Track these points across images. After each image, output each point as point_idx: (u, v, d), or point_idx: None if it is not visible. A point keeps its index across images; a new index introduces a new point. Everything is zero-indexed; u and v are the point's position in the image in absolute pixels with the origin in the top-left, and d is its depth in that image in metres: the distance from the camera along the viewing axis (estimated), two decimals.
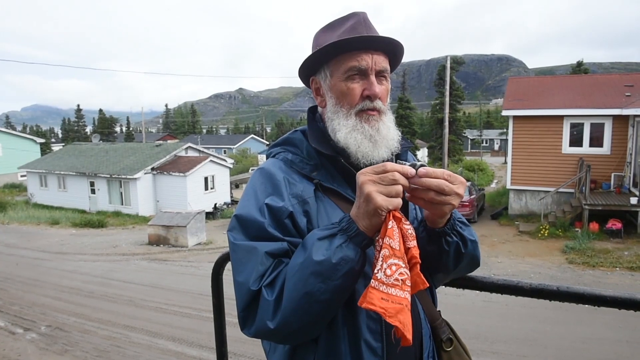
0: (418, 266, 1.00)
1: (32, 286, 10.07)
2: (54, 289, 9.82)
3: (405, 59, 1.30)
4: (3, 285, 10.13)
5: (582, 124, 16.37)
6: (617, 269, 10.90)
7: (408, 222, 1.02)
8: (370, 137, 1.16)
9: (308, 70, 1.26)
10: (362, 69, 1.15)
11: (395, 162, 1.23)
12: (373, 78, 1.16)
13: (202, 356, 6.19)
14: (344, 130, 1.16)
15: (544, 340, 6.66)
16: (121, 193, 24.67)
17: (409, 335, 0.92)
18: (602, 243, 13.03)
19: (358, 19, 1.19)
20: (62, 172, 26.70)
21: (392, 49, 1.20)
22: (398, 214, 0.99)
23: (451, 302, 8.13)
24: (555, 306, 7.73)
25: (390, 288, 0.93)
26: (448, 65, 24.62)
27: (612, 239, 13.34)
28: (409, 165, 1.02)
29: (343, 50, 1.16)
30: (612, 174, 15.56)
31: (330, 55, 1.18)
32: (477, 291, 1.33)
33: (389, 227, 0.97)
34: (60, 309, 8.41)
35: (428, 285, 1.01)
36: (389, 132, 1.19)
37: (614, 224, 13.59)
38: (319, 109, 1.30)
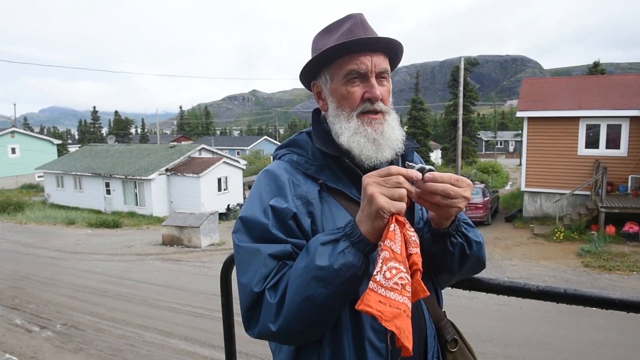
0: (419, 273, 0.98)
1: (48, 285, 10.24)
2: (70, 288, 9.96)
3: (419, 60, 1.30)
4: (20, 283, 10.31)
5: (599, 126, 16.13)
6: (634, 273, 10.71)
7: (412, 230, 1.00)
8: (374, 141, 1.16)
9: (309, 74, 1.27)
10: (361, 72, 1.15)
11: (403, 164, 1.23)
12: (373, 80, 1.16)
13: (214, 356, 6.23)
14: (347, 133, 1.17)
15: (559, 344, 6.57)
16: (136, 194, 24.94)
17: (409, 343, 0.90)
18: (619, 246, 12.83)
19: (355, 20, 1.19)
20: (78, 173, 27.08)
21: (391, 48, 1.20)
22: (401, 219, 0.98)
23: (464, 305, 8.07)
24: (569, 310, 7.62)
25: (389, 292, 0.92)
26: (462, 66, 24.43)
27: (629, 243, 13.12)
28: (418, 169, 1.01)
29: (341, 54, 1.16)
30: (630, 176, 15.29)
31: (329, 60, 1.18)
32: (490, 294, 1.33)
33: (391, 229, 0.96)
34: (76, 307, 8.53)
35: (428, 294, 1.00)
36: (393, 133, 1.19)
37: (631, 227, 13.38)
38: (322, 111, 1.30)
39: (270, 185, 1.16)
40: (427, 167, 1.03)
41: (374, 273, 0.94)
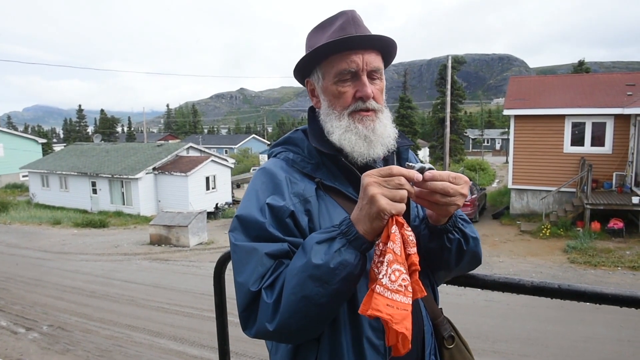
0: (417, 273, 0.99)
1: (34, 286, 10.09)
2: (56, 289, 9.83)
3: (407, 58, 1.30)
4: (5, 285, 10.15)
5: (584, 123, 16.35)
6: (619, 268, 10.88)
7: (410, 229, 1.00)
8: (365, 137, 1.15)
9: (302, 71, 1.26)
10: (352, 70, 1.14)
11: (398, 161, 1.24)
12: (364, 79, 1.15)
13: (204, 355, 6.19)
14: (338, 131, 1.16)
15: (546, 339, 6.65)
16: (123, 193, 24.70)
17: (409, 343, 0.91)
18: (604, 242, 13.01)
19: (347, 17, 1.18)
20: (64, 172, 26.74)
21: (383, 45, 1.19)
22: (401, 220, 0.98)
23: (453, 301, 8.12)
24: (556, 305, 7.72)
25: (395, 294, 0.92)
26: (449, 65, 24.58)
27: (614, 239, 13.32)
28: (418, 169, 1.01)
29: (333, 52, 1.15)
30: (614, 174, 15.53)
31: (321, 57, 1.18)
32: (479, 291, 1.34)
33: (392, 231, 0.96)
34: (62, 308, 8.42)
35: (426, 294, 1.00)
36: (385, 130, 1.19)
37: (616, 224, 13.57)
38: (316, 109, 1.29)
39: (267, 183, 1.15)
40: (427, 166, 1.03)
41: (380, 277, 0.93)
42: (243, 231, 1.10)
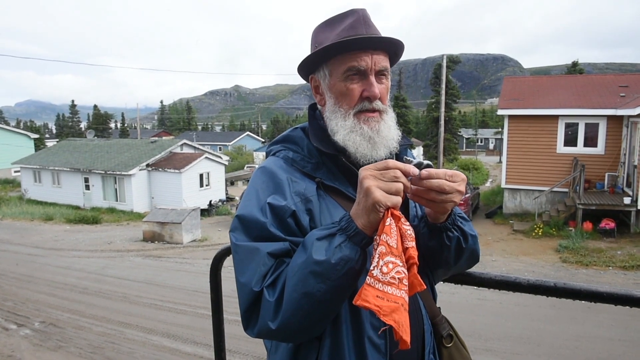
0: (415, 267, 0.98)
1: (25, 282, 10.02)
2: (48, 285, 9.77)
3: (402, 57, 1.30)
4: None
5: (577, 124, 16.46)
6: (610, 268, 10.97)
7: (407, 223, 1.00)
8: (369, 139, 1.15)
9: (307, 68, 1.25)
10: (361, 69, 1.14)
11: (400, 161, 1.24)
12: (372, 79, 1.15)
13: (197, 353, 6.18)
14: (342, 131, 1.16)
15: (538, 338, 6.69)
16: (116, 189, 24.58)
17: (407, 336, 0.89)
18: (596, 242, 13.11)
19: (357, 16, 1.17)
20: (57, 168, 26.57)
21: (392, 47, 1.19)
22: (397, 213, 0.98)
23: (445, 299, 8.16)
24: (549, 304, 7.77)
25: (386, 286, 0.91)
26: (444, 64, 24.62)
27: (606, 239, 13.42)
28: (415, 164, 1.01)
29: (342, 51, 1.14)
30: (606, 174, 15.65)
31: (329, 55, 1.17)
32: (472, 289, 1.35)
33: (387, 224, 0.96)
34: (54, 305, 8.37)
35: (425, 287, 0.99)
36: (389, 132, 1.19)
37: (608, 224, 13.68)
38: (319, 106, 1.29)
39: (267, 182, 1.14)
40: (425, 162, 1.03)
41: (371, 268, 0.93)
42: (244, 231, 1.09)
